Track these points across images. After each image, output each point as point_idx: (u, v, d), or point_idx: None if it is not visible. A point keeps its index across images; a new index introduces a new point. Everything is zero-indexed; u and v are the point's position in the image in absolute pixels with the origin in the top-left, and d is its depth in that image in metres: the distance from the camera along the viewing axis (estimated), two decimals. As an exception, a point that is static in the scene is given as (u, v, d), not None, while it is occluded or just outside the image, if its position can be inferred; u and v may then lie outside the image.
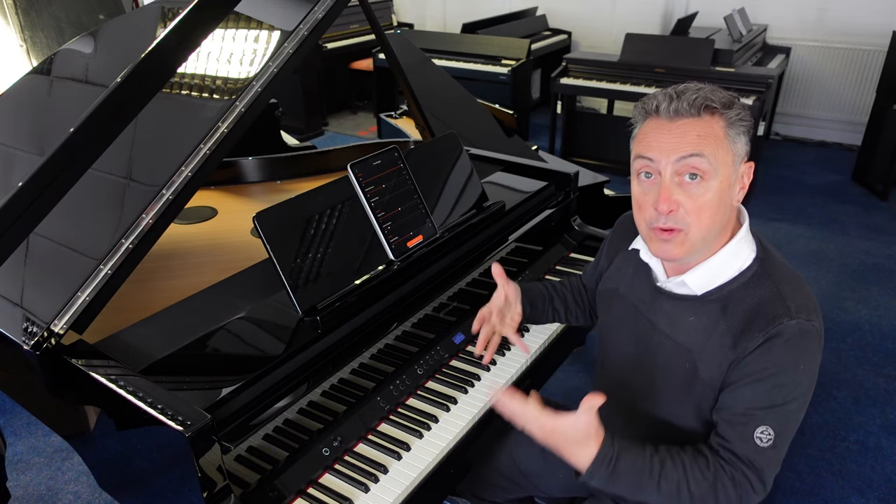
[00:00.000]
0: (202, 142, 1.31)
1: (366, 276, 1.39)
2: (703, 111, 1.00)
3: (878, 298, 3.17)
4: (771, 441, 1.01)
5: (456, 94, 2.70)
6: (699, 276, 1.08)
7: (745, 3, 5.07)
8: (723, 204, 1.03)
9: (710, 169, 1.00)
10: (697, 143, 0.99)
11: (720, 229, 1.06)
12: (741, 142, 1.03)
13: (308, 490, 1.19)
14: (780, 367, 1.01)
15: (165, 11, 1.74)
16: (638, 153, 1.05)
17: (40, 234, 1.31)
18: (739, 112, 1.02)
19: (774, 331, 1.00)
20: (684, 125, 1.01)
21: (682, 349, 1.10)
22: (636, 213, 1.09)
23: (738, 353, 1.03)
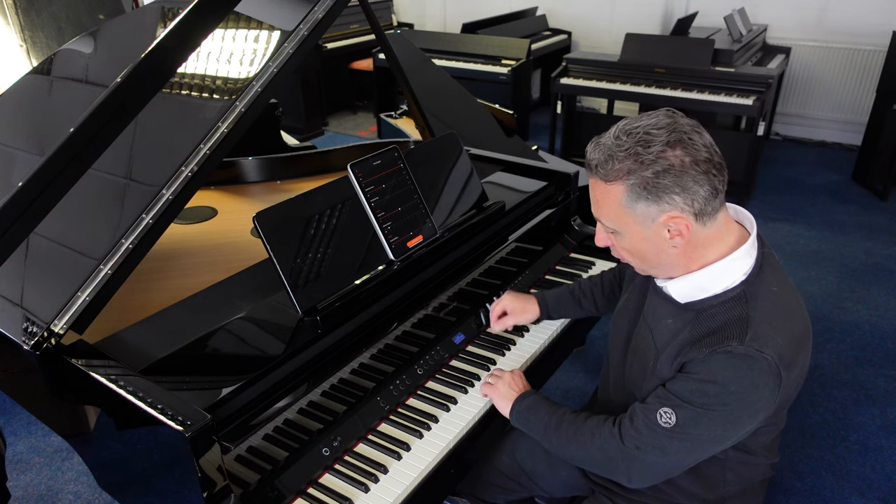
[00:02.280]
0: (202, 142, 1.31)
1: (366, 276, 1.39)
2: (600, 178, 1.06)
3: (878, 298, 3.17)
4: (669, 426, 1.05)
5: (456, 94, 2.70)
6: (681, 287, 1.11)
7: (745, 3, 5.07)
8: (650, 251, 1.09)
9: (618, 231, 1.09)
10: (598, 208, 1.10)
11: (670, 266, 1.10)
12: (643, 204, 1.02)
13: (308, 490, 1.19)
14: (712, 378, 1.03)
15: (165, 11, 1.74)
16: None
17: (40, 234, 1.31)
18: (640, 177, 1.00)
19: (721, 349, 1.02)
20: (592, 185, 1.10)
21: (654, 347, 1.15)
22: None
23: (681, 359, 1.08)
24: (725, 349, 1.02)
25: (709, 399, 1.03)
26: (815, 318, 3.02)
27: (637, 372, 1.19)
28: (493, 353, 1.56)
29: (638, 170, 1.01)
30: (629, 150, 1.01)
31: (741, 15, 4.77)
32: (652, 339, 1.16)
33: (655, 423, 1.07)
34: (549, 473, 1.44)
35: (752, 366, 1.01)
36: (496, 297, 1.63)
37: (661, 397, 1.09)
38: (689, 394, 1.05)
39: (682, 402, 1.05)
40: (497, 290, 1.72)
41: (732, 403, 1.03)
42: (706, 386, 1.03)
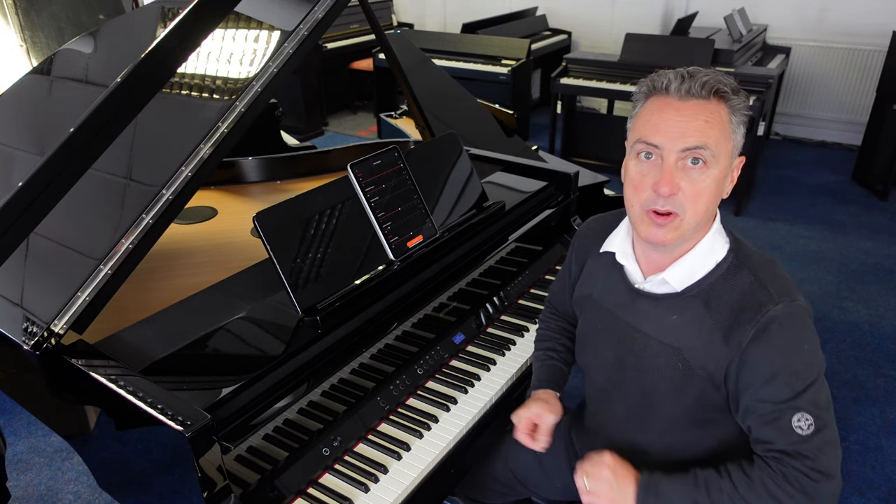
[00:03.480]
0: (202, 142, 1.31)
1: (366, 276, 1.39)
2: (713, 95, 0.99)
3: (878, 298, 3.17)
4: (812, 426, 0.99)
5: (456, 94, 2.70)
6: (679, 272, 1.07)
7: (745, 3, 5.07)
8: (717, 193, 1.02)
9: (713, 159, 0.99)
10: (704, 132, 0.98)
11: (708, 219, 1.06)
12: (740, 133, 1.03)
13: (308, 490, 1.19)
14: (787, 355, 0.99)
15: (165, 11, 1.74)
16: (641, 137, 1.02)
17: (40, 234, 1.31)
18: (744, 101, 1.02)
19: (764, 319, 1.00)
20: (693, 107, 0.99)
21: (669, 349, 1.08)
22: (631, 194, 1.05)
23: (732, 348, 1.02)
24: (767, 318, 0.99)
25: (801, 373, 0.99)
26: (815, 318, 3.00)
27: (660, 384, 1.10)
28: (493, 353, 1.56)
29: (737, 91, 1.00)
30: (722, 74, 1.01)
31: (741, 15, 4.77)
32: (663, 345, 1.09)
33: (804, 437, 0.98)
34: (543, 482, 1.43)
35: (796, 317, 1.00)
36: None
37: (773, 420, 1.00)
38: (789, 388, 0.99)
39: (794, 399, 0.99)
40: (497, 291, 1.72)
41: (815, 359, 1.01)
42: (790, 366, 0.99)
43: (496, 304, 1.70)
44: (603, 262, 1.22)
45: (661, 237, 1.02)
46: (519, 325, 1.66)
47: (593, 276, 1.24)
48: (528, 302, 1.76)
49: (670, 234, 1.02)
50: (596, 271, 1.24)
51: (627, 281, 1.15)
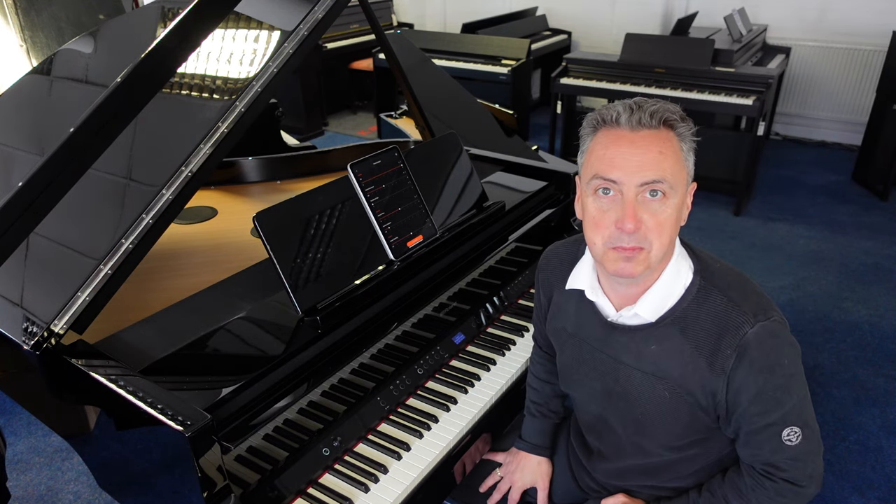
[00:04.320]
0: (202, 142, 1.31)
1: (366, 276, 1.39)
2: (662, 124, 0.98)
3: (878, 298, 3.17)
4: (799, 436, 1.03)
5: (456, 94, 2.70)
6: (650, 303, 1.06)
7: (745, 3, 5.07)
8: (677, 221, 1.02)
9: (671, 190, 0.98)
10: (659, 164, 0.97)
11: (672, 247, 1.05)
12: (691, 160, 1.02)
13: (308, 490, 1.19)
14: (769, 372, 1.01)
15: (165, 11, 1.74)
16: (598, 173, 1.01)
17: (40, 234, 1.31)
18: (691, 128, 1.02)
19: (743, 342, 1.00)
20: (646, 137, 0.98)
21: (653, 378, 1.08)
22: (591, 231, 1.03)
23: (717, 374, 1.02)
24: (745, 340, 1.00)
25: (785, 387, 1.01)
26: (815, 317, 3.02)
27: (650, 413, 1.11)
28: (493, 353, 1.56)
29: (684, 118, 1.01)
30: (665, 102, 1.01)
31: (741, 15, 4.77)
32: (646, 375, 1.09)
33: (794, 447, 1.03)
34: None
35: (774, 334, 1.01)
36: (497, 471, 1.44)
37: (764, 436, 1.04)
38: (776, 404, 1.01)
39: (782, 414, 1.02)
40: (497, 291, 1.72)
41: (796, 370, 1.03)
42: (773, 381, 1.01)
43: (496, 304, 1.70)
44: (571, 296, 1.21)
45: (629, 270, 1.01)
46: (519, 325, 1.66)
47: (563, 311, 1.23)
48: (528, 302, 1.76)
49: (638, 266, 1.01)
50: (565, 305, 1.23)
51: (600, 315, 1.15)
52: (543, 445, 1.39)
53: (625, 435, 1.18)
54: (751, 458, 1.08)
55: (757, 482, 1.07)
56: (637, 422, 1.14)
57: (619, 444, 1.21)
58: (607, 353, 1.14)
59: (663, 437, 1.13)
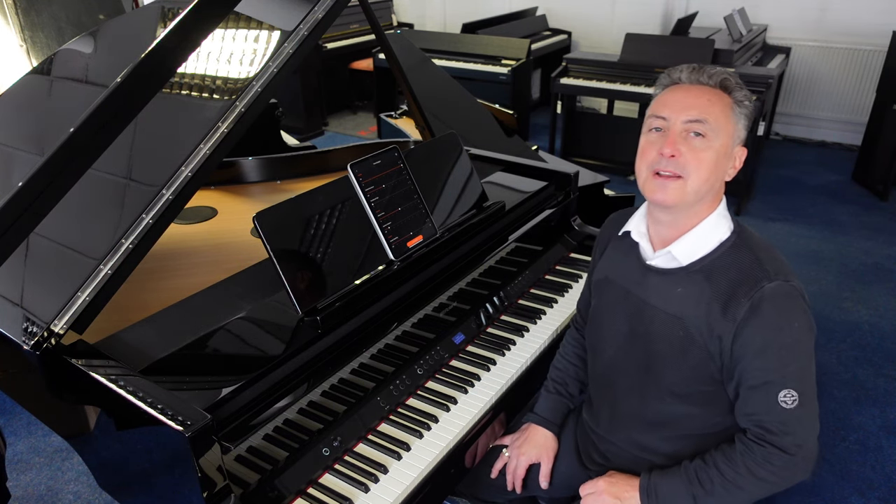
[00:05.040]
0: (202, 142, 1.31)
1: (366, 276, 1.39)
2: (718, 85, 1.13)
3: (878, 298, 3.17)
4: (796, 401, 1.08)
5: (456, 94, 2.70)
6: (684, 246, 1.16)
7: (745, 3, 5.07)
8: (718, 167, 1.12)
9: (713, 134, 1.10)
10: (706, 108, 1.11)
11: (710, 192, 1.14)
12: (741, 125, 1.14)
13: (308, 490, 1.19)
14: (778, 329, 1.07)
15: (165, 11, 1.74)
16: (652, 112, 1.16)
17: (40, 234, 1.31)
18: (747, 96, 1.15)
19: (758, 294, 1.08)
20: (700, 88, 1.13)
21: (673, 318, 1.17)
22: (639, 159, 1.17)
23: (728, 321, 1.09)
24: (760, 293, 1.07)
25: (790, 348, 1.08)
26: (815, 317, 3.01)
27: (662, 351, 1.19)
28: (493, 353, 1.56)
29: (741, 88, 1.15)
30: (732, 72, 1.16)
31: (741, 15, 4.77)
32: (668, 315, 1.17)
33: (788, 411, 1.08)
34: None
35: (789, 296, 1.08)
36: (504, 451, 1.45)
37: (761, 393, 1.09)
38: (778, 361, 1.07)
39: (782, 372, 1.07)
40: (497, 290, 1.72)
41: (804, 337, 1.09)
42: (779, 339, 1.07)
43: (496, 304, 1.70)
44: (621, 245, 1.31)
45: (665, 197, 1.12)
46: (519, 325, 1.66)
47: (611, 259, 1.34)
48: (528, 302, 1.76)
49: (674, 194, 1.11)
50: (614, 255, 1.33)
51: (641, 259, 1.25)
52: (554, 422, 1.44)
53: (637, 376, 1.24)
54: (745, 419, 1.13)
55: (747, 447, 1.12)
56: (650, 360, 1.21)
57: (628, 388, 1.26)
58: (638, 295, 1.24)
59: (671, 378, 1.19)
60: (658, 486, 1.18)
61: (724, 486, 1.13)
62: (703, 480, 1.14)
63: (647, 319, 1.21)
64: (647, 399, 1.24)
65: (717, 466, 1.14)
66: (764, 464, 1.10)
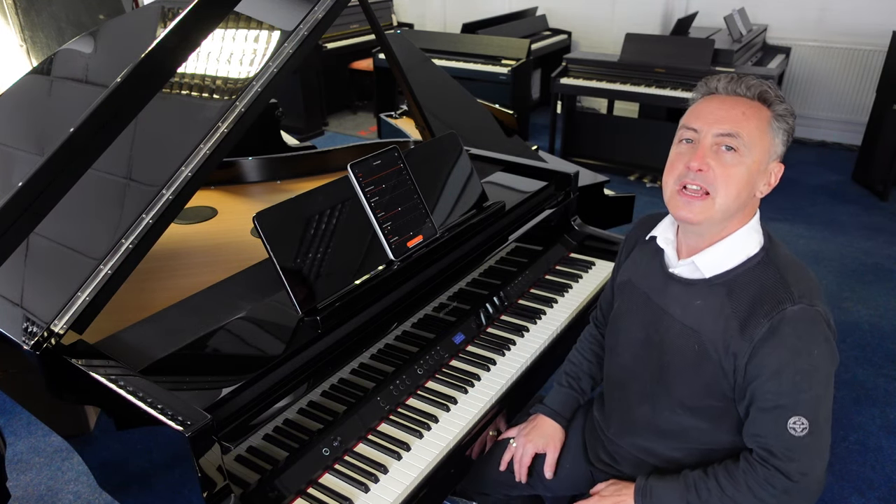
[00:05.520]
0: (202, 142, 1.31)
1: (366, 276, 1.39)
2: (756, 97, 1.08)
3: (878, 298, 3.17)
4: (806, 429, 1.05)
5: (456, 94, 2.70)
6: (709, 258, 1.13)
7: (745, 3, 5.07)
8: (749, 184, 1.08)
9: (745, 149, 1.06)
10: (739, 121, 1.06)
11: (739, 210, 1.10)
12: (779, 139, 1.10)
13: (308, 490, 1.19)
14: (796, 353, 1.03)
15: (165, 11, 1.74)
16: (684, 123, 1.12)
17: (40, 234, 1.31)
18: (787, 110, 1.10)
19: (778, 316, 1.04)
20: (735, 100, 1.08)
21: (689, 331, 1.14)
22: (667, 172, 1.13)
23: (745, 340, 1.06)
24: (781, 315, 1.03)
25: (807, 374, 1.04)
26: (815, 318, 3.01)
27: (676, 363, 1.16)
28: (493, 353, 1.56)
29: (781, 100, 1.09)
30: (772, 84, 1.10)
31: (741, 15, 4.77)
32: (685, 326, 1.15)
33: (796, 438, 1.05)
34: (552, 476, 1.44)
35: (812, 321, 1.04)
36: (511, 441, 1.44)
37: (771, 417, 1.06)
38: (792, 386, 1.04)
39: (795, 399, 1.04)
40: (497, 290, 1.72)
41: (823, 365, 1.05)
42: (797, 364, 1.03)
43: (496, 304, 1.70)
44: (647, 249, 1.29)
45: (692, 213, 1.08)
46: (519, 325, 1.66)
47: (636, 262, 1.31)
48: (528, 302, 1.76)
49: (700, 211, 1.08)
50: (640, 258, 1.31)
51: (664, 266, 1.22)
52: (563, 415, 1.44)
53: (650, 384, 1.22)
54: (752, 440, 1.10)
55: (750, 466, 1.10)
56: (663, 370, 1.19)
57: (641, 395, 1.25)
58: (658, 303, 1.21)
59: (683, 391, 1.17)
60: (654, 489, 1.18)
61: (721, 501, 1.11)
62: (701, 490, 1.13)
63: (663, 328, 1.19)
64: (657, 408, 1.22)
65: (717, 479, 1.12)
66: (765, 485, 1.08)
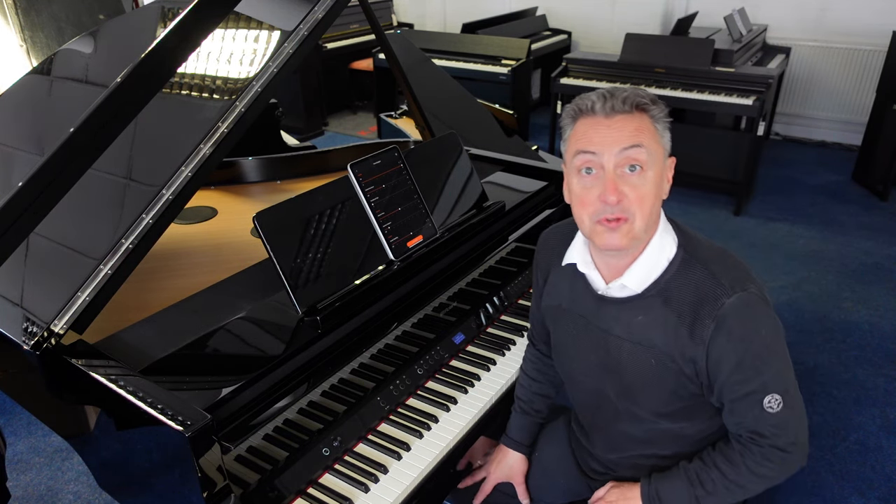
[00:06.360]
0: (202, 142, 1.31)
1: (366, 276, 1.39)
2: (635, 108, 1.05)
3: (878, 298, 3.17)
4: (780, 403, 1.07)
5: (456, 94, 2.70)
6: (636, 275, 1.12)
7: (745, 3, 5.07)
8: (658, 195, 1.08)
9: (648, 160, 1.04)
10: (636, 135, 1.04)
11: (655, 221, 1.10)
12: (667, 137, 1.09)
13: (308, 490, 1.19)
14: (747, 342, 1.05)
15: (165, 11, 1.74)
16: (578, 149, 1.07)
17: (40, 234, 1.31)
18: (663, 109, 1.09)
19: (721, 312, 1.05)
20: (621, 121, 1.05)
21: (641, 348, 1.13)
22: (578, 209, 1.10)
23: (697, 344, 1.07)
24: (723, 311, 1.04)
25: (763, 356, 1.06)
26: (815, 317, 3.02)
27: (638, 380, 1.16)
28: (493, 353, 1.56)
29: (655, 101, 1.07)
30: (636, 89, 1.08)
31: (741, 15, 4.77)
32: (634, 344, 1.14)
33: (775, 414, 1.07)
34: (545, 484, 1.43)
35: (750, 305, 1.06)
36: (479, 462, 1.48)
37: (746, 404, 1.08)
38: (755, 372, 1.06)
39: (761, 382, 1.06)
40: (497, 290, 1.72)
41: (774, 342, 1.07)
42: (750, 350, 1.05)
43: (496, 304, 1.70)
44: (566, 272, 1.25)
45: (616, 242, 1.07)
46: (519, 325, 1.66)
47: (558, 287, 1.27)
48: (528, 302, 1.76)
49: (623, 238, 1.06)
50: (560, 282, 1.27)
51: (591, 288, 1.19)
52: (522, 442, 1.43)
53: (619, 403, 1.21)
54: (736, 427, 1.12)
55: (745, 447, 1.12)
56: (628, 389, 1.18)
57: (614, 413, 1.24)
58: (598, 326, 1.19)
59: (653, 403, 1.17)
60: (660, 491, 1.18)
61: (727, 486, 1.13)
62: (705, 482, 1.14)
63: (614, 350, 1.17)
64: (634, 422, 1.21)
65: (718, 468, 1.14)
66: (763, 462, 1.11)
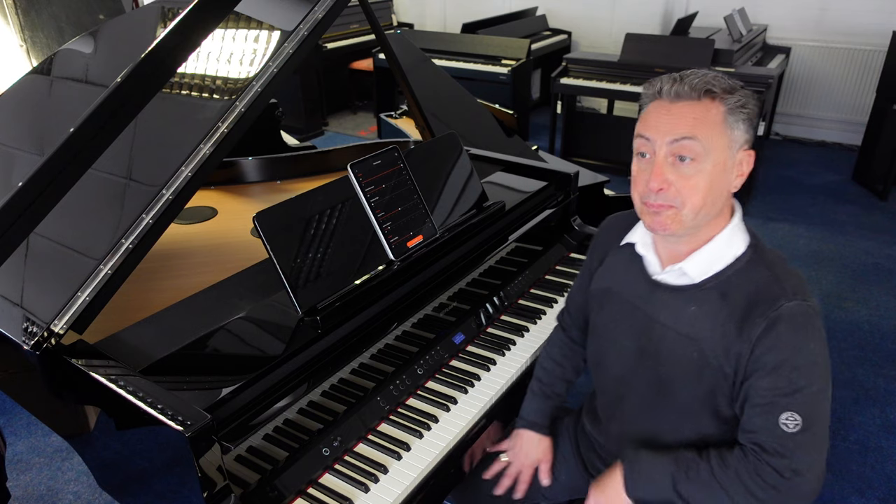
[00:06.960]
0: (202, 142, 1.31)
1: (366, 276, 1.39)
2: (703, 95, 1.03)
3: (878, 298, 3.17)
4: (798, 426, 1.03)
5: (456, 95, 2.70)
6: (697, 263, 1.10)
7: (745, 3, 5.07)
8: (715, 187, 1.04)
9: (702, 152, 1.02)
10: (692, 127, 1.02)
11: (714, 212, 1.07)
12: (740, 129, 1.04)
13: (308, 490, 1.19)
14: (793, 350, 1.02)
15: (165, 11, 1.74)
16: (638, 131, 1.08)
17: (40, 234, 1.31)
18: (741, 99, 1.04)
19: (775, 314, 1.02)
20: (683, 108, 1.03)
21: (686, 339, 1.11)
22: (632, 189, 1.12)
23: (743, 341, 1.04)
24: (778, 313, 1.02)
25: (803, 371, 1.03)
26: (815, 318, 3.02)
27: (675, 372, 1.13)
28: (493, 353, 1.56)
29: (731, 90, 1.03)
30: (716, 75, 1.04)
31: (741, 15, 4.77)
32: (680, 335, 1.11)
33: (788, 434, 1.02)
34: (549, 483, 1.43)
35: (807, 316, 1.03)
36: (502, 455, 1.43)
37: (765, 412, 1.04)
38: (788, 383, 1.02)
39: (790, 395, 1.02)
40: (497, 290, 1.72)
41: (819, 360, 1.05)
42: (793, 360, 1.02)
43: (496, 304, 1.70)
44: (623, 254, 1.25)
45: (662, 224, 1.06)
46: (519, 325, 1.66)
47: (612, 270, 1.27)
48: (528, 302, 1.76)
49: (669, 221, 1.06)
50: (615, 264, 1.26)
51: (646, 272, 1.18)
52: (542, 424, 1.41)
53: (646, 395, 1.19)
54: (744, 436, 1.08)
55: (744, 454, 1.07)
56: (661, 381, 1.16)
57: (639, 406, 1.22)
58: (645, 311, 1.17)
59: (681, 401, 1.14)
60: (639, 455, 1.15)
61: (708, 483, 1.07)
62: (690, 468, 1.09)
63: (656, 338, 1.15)
64: (660, 420, 1.19)
65: (708, 461, 1.09)
66: (754, 475, 1.04)
